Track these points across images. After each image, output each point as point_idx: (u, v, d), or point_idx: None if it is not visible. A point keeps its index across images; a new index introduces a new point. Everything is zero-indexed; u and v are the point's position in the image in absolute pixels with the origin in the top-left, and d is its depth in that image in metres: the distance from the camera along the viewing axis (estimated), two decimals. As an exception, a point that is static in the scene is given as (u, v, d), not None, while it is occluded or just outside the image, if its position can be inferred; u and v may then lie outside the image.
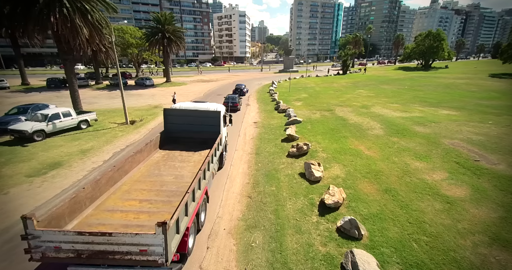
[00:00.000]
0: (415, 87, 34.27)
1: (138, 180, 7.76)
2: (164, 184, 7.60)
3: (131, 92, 33.61)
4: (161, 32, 37.62)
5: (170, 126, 11.19)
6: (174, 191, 7.17)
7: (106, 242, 4.57)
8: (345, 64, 56.60)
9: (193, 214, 6.30)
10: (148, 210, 6.26)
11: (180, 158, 9.58)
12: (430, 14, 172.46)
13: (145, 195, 6.92)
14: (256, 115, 22.03)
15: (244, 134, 16.71)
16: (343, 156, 12.07)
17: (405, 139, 13.59)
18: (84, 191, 6.03)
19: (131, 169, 8.32)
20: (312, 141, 14.33)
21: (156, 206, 6.46)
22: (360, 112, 20.30)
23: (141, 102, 27.12)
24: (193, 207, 6.36)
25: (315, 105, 23.92)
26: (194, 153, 10.08)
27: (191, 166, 8.91)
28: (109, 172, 7.13)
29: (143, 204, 6.49)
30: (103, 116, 21.00)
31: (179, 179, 7.98)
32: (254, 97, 30.92)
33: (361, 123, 17.19)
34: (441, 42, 62.40)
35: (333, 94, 30.23)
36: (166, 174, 8.27)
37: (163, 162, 9.18)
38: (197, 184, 6.71)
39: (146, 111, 23.13)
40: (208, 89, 36.64)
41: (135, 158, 8.59)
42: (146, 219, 5.89)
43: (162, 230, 4.43)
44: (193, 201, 6.37)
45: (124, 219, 5.88)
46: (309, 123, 18.09)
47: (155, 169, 8.63)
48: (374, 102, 24.44)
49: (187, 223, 5.81)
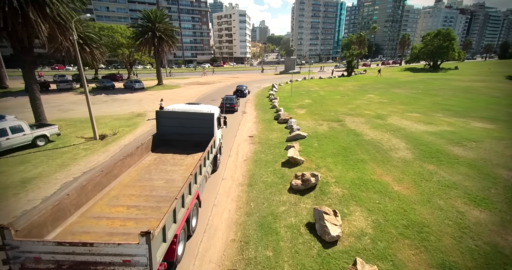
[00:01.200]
0: (430, 91, 31.02)
1: (127, 185, 7.53)
2: (154, 189, 7.41)
3: (117, 97, 30.53)
4: (151, 31, 34.54)
5: (163, 129, 10.96)
6: (164, 196, 6.99)
7: (88, 253, 4.34)
8: (350, 65, 53.34)
9: (182, 221, 6.12)
10: (135, 216, 6.08)
11: (172, 162, 9.34)
12: (435, 14, 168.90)
13: (134, 201, 6.74)
14: (253, 126, 18.89)
15: (236, 154, 13.57)
16: (365, 193, 8.92)
17: (444, 167, 10.39)
18: (69, 198, 5.84)
19: (120, 173, 8.04)
20: (321, 166, 11.20)
21: (144, 212, 6.27)
22: (376, 124, 17.12)
23: (124, 109, 24.03)
24: (183, 213, 6.15)
25: (320, 114, 20.75)
26: (187, 156, 9.85)
27: (183, 170, 8.69)
28: (97, 177, 6.89)
29: (130, 211, 6.31)
30: (72, 128, 17.90)
31: (170, 183, 7.79)
32: (252, 102, 27.77)
33: (380, 140, 14.00)
34: (452, 42, 59.10)
35: (340, 99, 27.03)
36: (156, 179, 8.05)
37: (155, 166, 8.97)
38: (187, 189, 6.51)
39: (125, 121, 20.02)
40: (202, 93, 33.53)
41: (124, 162, 8.27)
42: (132, 226, 5.69)
43: (146, 240, 4.19)
44: (182, 207, 6.15)
45: (110, 226, 5.67)
46: (315, 138, 14.93)
47: (145, 173, 8.40)
48: (389, 110, 21.23)
49: (175, 231, 5.58)
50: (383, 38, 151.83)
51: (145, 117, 21.36)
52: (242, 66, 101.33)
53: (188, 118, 10.82)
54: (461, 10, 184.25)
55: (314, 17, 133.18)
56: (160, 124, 11.01)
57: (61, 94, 32.43)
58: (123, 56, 45.18)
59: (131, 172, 8.35)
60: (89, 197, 6.54)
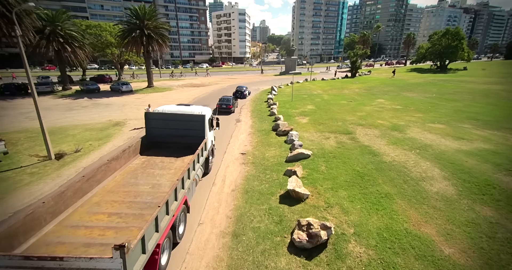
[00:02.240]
0: (446, 95, 28.08)
1: (110, 191, 7.17)
2: (138, 195, 7.05)
3: (99, 101, 27.67)
4: (140, 29, 31.67)
5: (152, 131, 10.65)
6: (148, 203, 6.63)
7: (58, 267, 3.99)
8: (354, 65, 50.36)
9: (166, 229, 5.79)
10: (116, 225, 5.76)
11: (160, 165, 9.08)
12: (438, 13, 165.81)
13: (116, 208, 6.40)
14: (247, 138, 16.02)
15: (223, 180, 10.69)
16: (401, 260, 6.03)
17: (506, 212, 7.48)
18: (44, 206, 5.49)
19: (104, 178, 7.65)
20: (332, 204, 8.34)
21: (125, 220, 5.93)
22: (394, 139, 14.22)
23: (102, 116, 21.15)
24: (167, 221, 5.79)
25: (326, 124, 17.86)
26: (176, 159, 9.59)
27: (171, 174, 8.37)
28: (77, 183, 6.51)
29: (111, 219, 5.97)
30: (30, 142, 15.04)
31: (156, 188, 7.44)
32: (249, 108, 24.89)
33: (405, 163, 11.10)
34: (461, 41, 56.06)
35: (346, 105, 24.10)
36: (142, 183, 7.70)
37: (142, 170, 8.65)
38: (173, 195, 6.24)
39: (98, 131, 17.15)
40: (195, 97, 30.63)
41: (109, 166, 7.91)
42: (112, 236, 5.37)
43: (120, 254, 3.87)
44: (166, 214, 5.82)
45: (87, 236, 5.37)
46: (322, 158, 12.05)
47: (131, 177, 8.05)
48: (406, 119, 18.31)
49: (157, 240, 5.26)
50: (386, 37, 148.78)
51: (124, 126, 18.50)
52: (241, 67, 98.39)
53: (178, 120, 10.47)
54: (464, 9, 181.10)
55: (315, 16, 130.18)
56: (149, 126, 10.63)
57: (39, 97, 29.30)
58: (113, 56, 42.33)
59: (116, 177, 8.00)
60: (68, 204, 6.21)
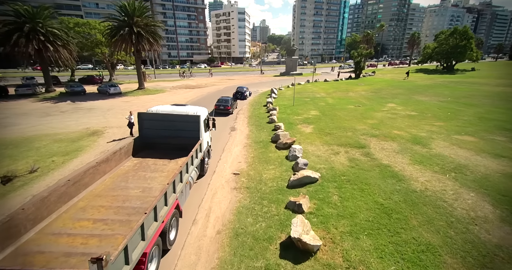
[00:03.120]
0: (462, 99, 25.66)
1: (98, 195, 6.87)
2: (127, 199, 6.73)
3: (82, 105, 25.23)
4: (129, 26, 29.25)
5: (146, 132, 10.32)
6: (137, 208, 6.33)
7: None
8: (358, 66, 47.92)
9: (154, 237, 5.47)
10: (100, 232, 5.45)
11: (153, 167, 8.69)
12: (441, 12, 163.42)
13: (102, 214, 6.11)
14: (242, 152, 13.61)
15: (207, 215, 8.29)
16: None
17: None
18: (24, 212, 5.20)
19: (93, 181, 7.36)
20: (355, 264, 6.03)
21: (111, 227, 5.62)
22: (419, 155, 11.80)
23: (79, 124, 18.72)
24: (155, 228, 5.48)
25: (333, 134, 15.45)
26: (170, 161, 9.21)
27: (163, 177, 8.03)
28: (61, 187, 6.20)
29: (96, 225, 5.67)
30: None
31: (147, 192, 7.11)
32: (245, 113, 22.46)
33: (441, 192, 8.67)
34: (469, 41, 53.65)
35: (354, 111, 21.67)
36: (132, 187, 7.36)
37: (133, 172, 8.28)
38: (163, 199, 5.99)
39: (69, 143, 14.72)
40: (188, 100, 28.20)
41: (98, 169, 7.58)
42: (95, 244, 5.08)
43: (98, 267, 3.60)
44: (155, 221, 5.51)
45: (69, 245, 5.07)
46: (333, 183, 9.67)
47: (121, 180, 7.71)
48: (426, 129, 15.88)
49: (143, 249, 4.98)
50: (388, 37, 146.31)
51: (101, 136, 16.08)
52: (240, 67, 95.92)
53: (173, 121, 10.19)
54: (467, 9, 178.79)
55: (316, 15, 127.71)
56: (142, 127, 10.35)
57: (19, 101, 27.16)
58: (103, 55, 39.92)
59: (105, 180, 7.74)
60: (51, 210, 5.86)
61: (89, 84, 38.33)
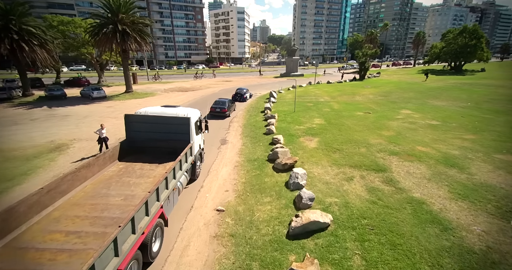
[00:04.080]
0: (484, 104, 22.90)
1: (76, 204, 6.35)
2: (107, 208, 6.19)
3: (58, 111, 22.52)
4: (113, 24, 26.60)
5: (133, 134, 9.81)
6: (116, 219, 5.75)
7: None
8: (363, 67, 45.17)
9: (131, 250, 4.91)
10: (72, 247, 4.90)
11: (139, 173, 8.19)
12: (444, 12, 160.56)
13: (77, 225, 5.57)
14: (231, 175, 10.92)
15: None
16: None
17: None
18: None
19: (71, 188, 6.81)
20: None
21: (84, 240, 5.08)
22: (459, 185, 9.08)
23: (45, 135, 16.03)
24: (132, 242, 4.92)
25: (343, 150, 12.75)
26: (157, 165, 8.77)
27: (148, 183, 7.52)
28: (33, 196, 5.64)
29: (68, 238, 5.12)
30: None
31: (129, 200, 6.57)
32: (240, 121, 19.75)
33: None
34: (480, 40, 50.94)
35: (364, 118, 18.94)
36: (114, 194, 6.82)
37: (117, 178, 7.76)
38: (144, 209, 5.46)
39: (22, 162, 12.00)
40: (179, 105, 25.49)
41: (78, 175, 7.03)
42: (64, 261, 4.55)
43: None
44: (132, 233, 5.00)
45: (36, 261, 4.56)
46: (351, 231, 6.99)
47: (103, 187, 7.17)
48: (456, 144, 13.10)
49: (117, 266, 4.41)
50: (390, 37, 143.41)
51: (64, 152, 13.39)
52: (239, 67, 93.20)
53: (162, 123, 9.66)
54: (471, 8, 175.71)
55: (317, 14, 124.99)
56: (130, 129, 9.80)
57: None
58: (91, 56, 37.30)
59: (86, 187, 7.15)
60: (20, 221, 5.34)
61: (75, 87, 35.70)
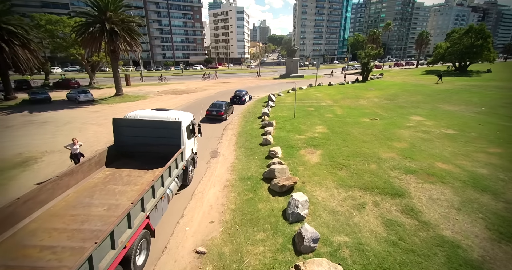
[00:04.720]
0: (500, 110, 21.11)
1: (55, 214, 5.89)
2: (87, 220, 5.71)
3: (37, 117, 20.77)
4: (101, 22, 24.90)
5: (122, 139, 9.50)
6: (96, 231, 5.30)
7: None
8: (366, 68, 43.42)
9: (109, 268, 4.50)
10: (45, 264, 4.50)
11: (126, 180, 7.77)
12: (446, 12, 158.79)
13: (53, 239, 5.11)
14: (219, 199, 9.18)
15: None
16: None
17: None
18: None
19: (52, 198, 6.31)
20: None
21: (59, 257, 4.63)
22: (496, 218, 7.33)
23: (16, 145, 14.26)
24: (112, 257, 4.53)
25: (351, 166, 11.00)
26: (146, 172, 8.39)
27: (135, 191, 7.08)
28: (7, 208, 5.17)
29: (42, 254, 4.68)
30: None
31: (112, 211, 6.10)
32: (235, 129, 18.00)
33: None
34: (487, 40, 49.09)
35: (371, 126, 17.18)
36: (97, 204, 6.37)
37: (102, 186, 7.34)
38: (126, 221, 5.00)
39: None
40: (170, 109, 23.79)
41: (59, 183, 6.56)
42: None
43: None
44: (112, 249, 4.59)
45: None
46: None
47: (86, 196, 6.70)
48: (482, 160, 11.31)
49: None
50: (391, 37, 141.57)
51: (28, 168, 11.64)
52: (238, 68, 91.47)
53: (152, 127, 9.33)
54: (473, 8, 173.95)
55: (318, 14, 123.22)
56: (118, 134, 9.48)
57: (-33, 111, 22.80)
58: (81, 56, 35.59)
59: (69, 195, 6.69)
60: None
61: (64, 89, 34.00)
